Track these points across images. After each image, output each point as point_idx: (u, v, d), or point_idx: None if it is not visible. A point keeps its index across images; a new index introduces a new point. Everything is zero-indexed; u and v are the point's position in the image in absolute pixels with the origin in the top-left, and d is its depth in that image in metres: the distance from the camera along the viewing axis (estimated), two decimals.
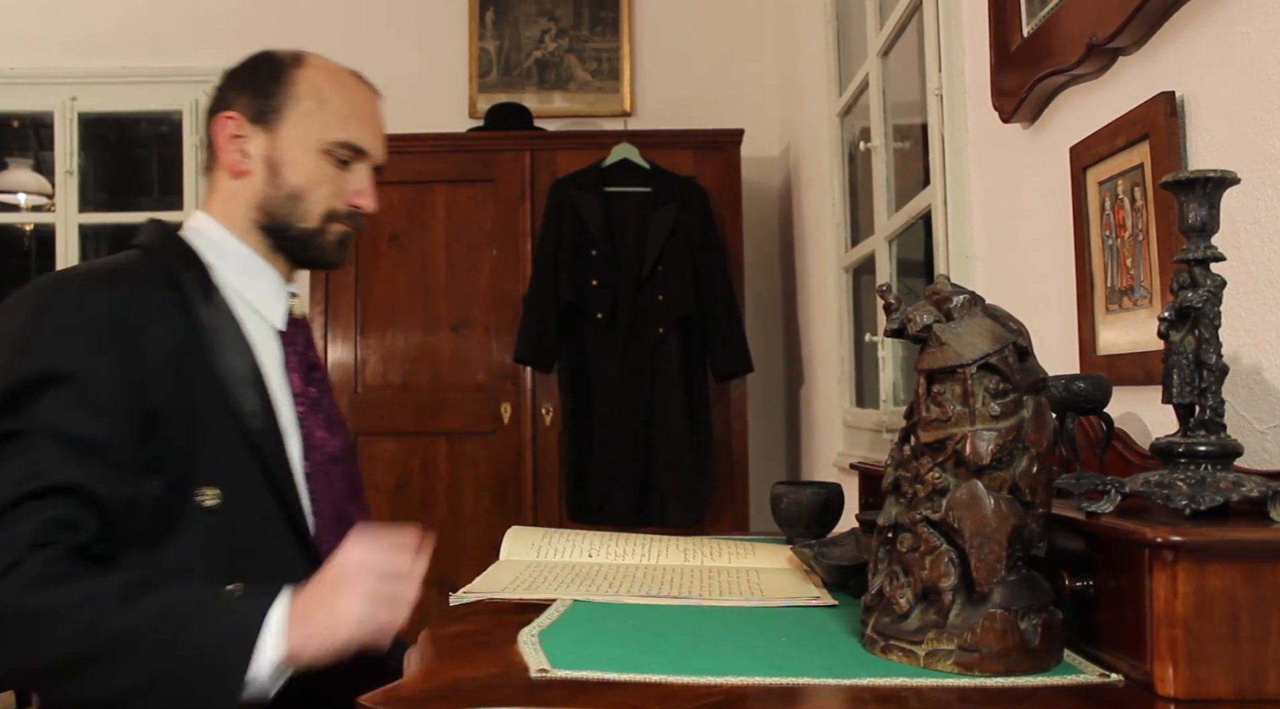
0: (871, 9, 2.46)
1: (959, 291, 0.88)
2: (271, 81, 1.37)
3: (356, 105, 1.39)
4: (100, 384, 1.14)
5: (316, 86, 1.37)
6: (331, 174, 1.36)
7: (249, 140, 1.36)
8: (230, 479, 1.22)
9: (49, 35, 4.00)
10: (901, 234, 2.34)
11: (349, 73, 1.42)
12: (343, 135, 1.36)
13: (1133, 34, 1.18)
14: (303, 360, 1.38)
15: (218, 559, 1.20)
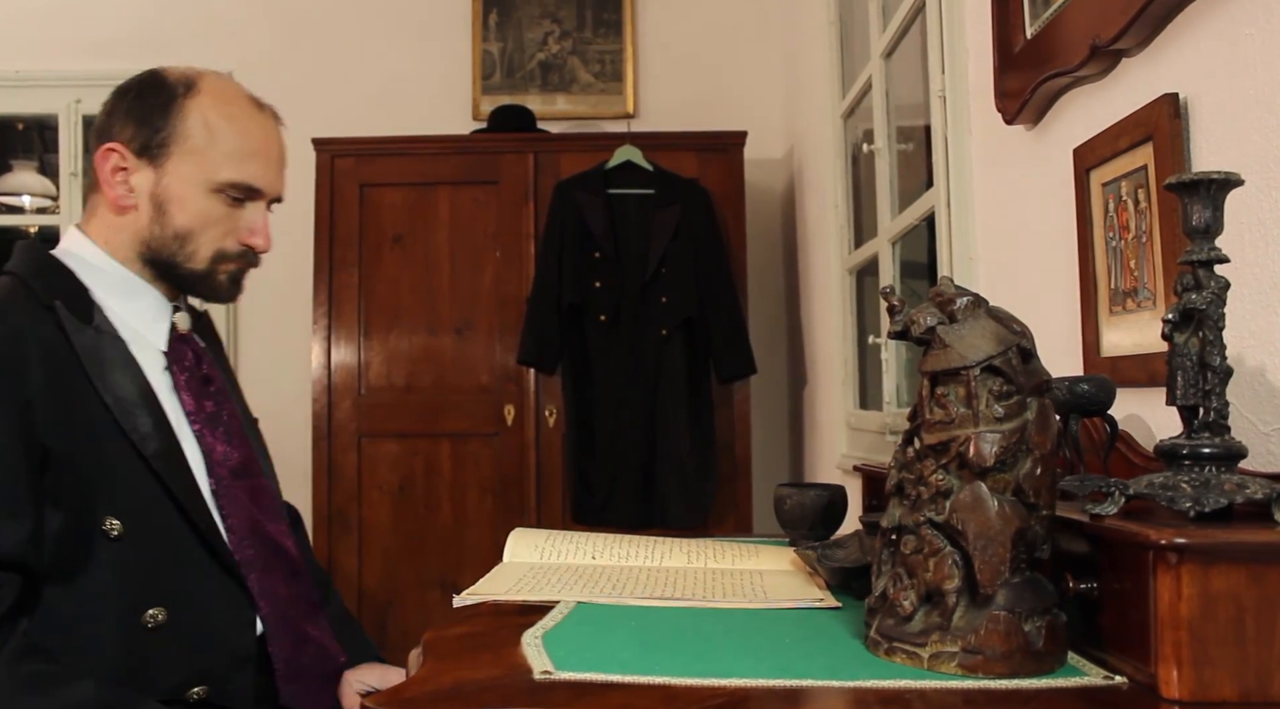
0: (874, 11, 2.46)
1: (962, 294, 0.88)
2: (159, 112, 1.29)
3: (252, 140, 1.32)
4: None
5: (207, 120, 1.30)
6: (223, 214, 1.31)
7: (134, 174, 1.30)
8: (133, 506, 1.21)
9: (54, 38, 4.01)
10: (905, 236, 2.34)
11: (246, 100, 1.34)
12: (234, 175, 1.30)
13: (1136, 36, 1.18)
14: (193, 377, 1.35)
15: (133, 586, 1.20)
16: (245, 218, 1.33)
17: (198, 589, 1.25)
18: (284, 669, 1.32)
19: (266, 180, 1.33)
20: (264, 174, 1.33)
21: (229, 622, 1.28)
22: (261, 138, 1.33)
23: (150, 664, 1.21)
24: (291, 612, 1.34)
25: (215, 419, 1.35)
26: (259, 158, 1.32)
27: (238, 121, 1.31)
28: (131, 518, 1.20)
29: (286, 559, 1.37)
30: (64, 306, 1.23)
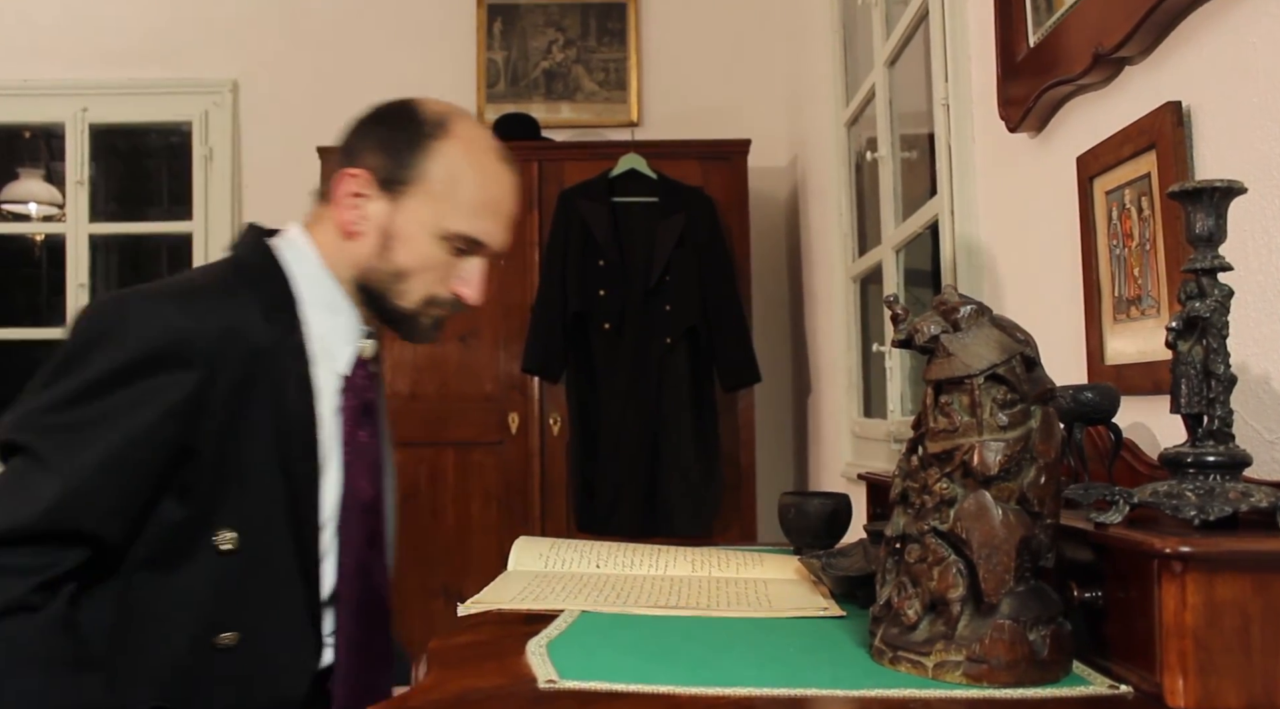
0: (878, 19, 2.47)
1: (966, 302, 0.88)
2: (409, 149, 1.29)
3: (490, 194, 1.31)
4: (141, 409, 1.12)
5: (453, 168, 1.28)
6: (443, 261, 1.30)
7: (370, 202, 1.29)
8: (254, 526, 1.20)
9: (61, 47, 4.02)
10: (909, 244, 2.34)
11: (494, 152, 1.32)
12: (465, 228, 1.29)
13: (1139, 44, 1.18)
14: (360, 403, 1.33)
15: (222, 602, 1.19)
16: (463, 267, 1.32)
17: (276, 624, 1.23)
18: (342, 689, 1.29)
19: (495, 237, 1.32)
20: (494, 231, 1.32)
21: (292, 663, 1.25)
22: (499, 194, 1.32)
23: (202, 682, 1.19)
24: (364, 663, 1.31)
25: (365, 451, 1.33)
26: (493, 214, 1.31)
27: (480, 172, 1.30)
28: (247, 538, 1.19)
29: (380, 612, 1.34)
30: (268, 315, 1.23)
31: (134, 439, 1.12)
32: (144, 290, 1.21)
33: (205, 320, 1.17)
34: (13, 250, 5.98)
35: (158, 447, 1.14)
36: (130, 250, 6.53)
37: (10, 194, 4.97)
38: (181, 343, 1.15)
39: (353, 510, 1.30)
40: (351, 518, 1.30)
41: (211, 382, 1.16)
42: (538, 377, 3.28)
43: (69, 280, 4.01)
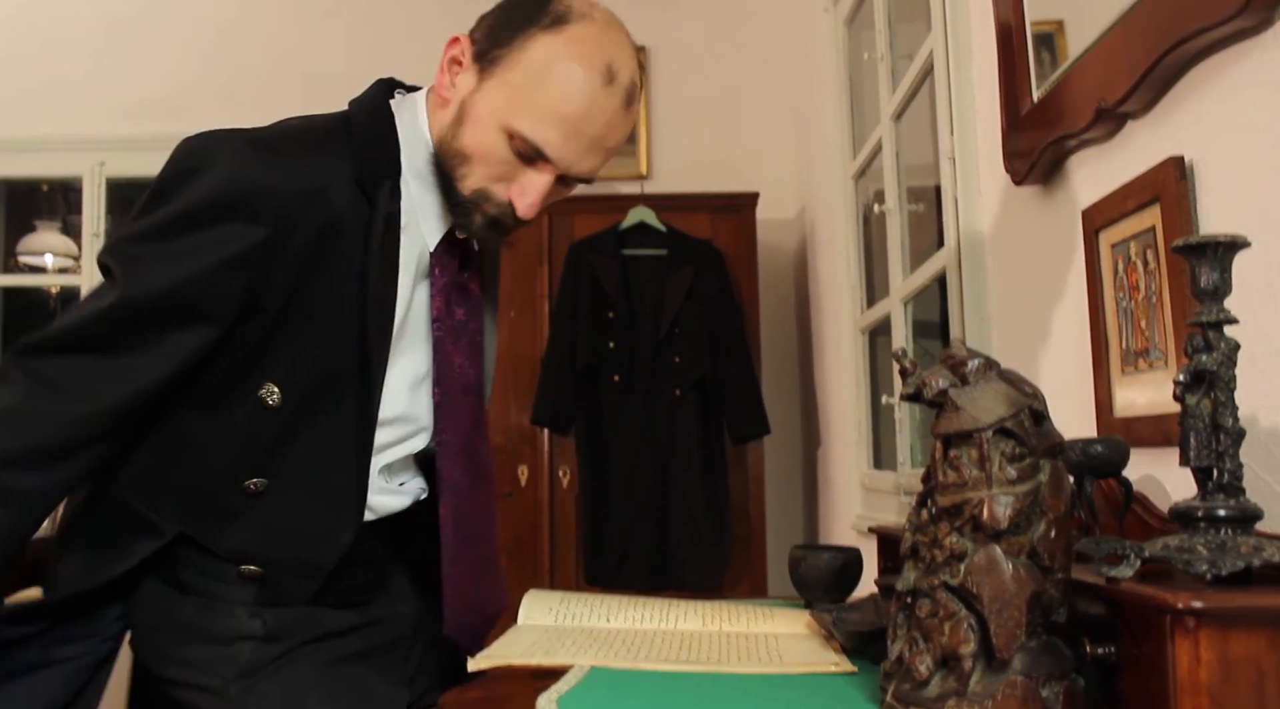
0: (884, 74, 2.50)
1: (974, 356, 0.89)
2: (512, 29, 1.20)
3: (570, 107, 1.17)
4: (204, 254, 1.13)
5: (543, 63, 1.17)
6: (504, 158, 1.20)
7: (463, 73, 1.23)
8: (305, 388, 1.20)
9: (80, 103, 4.09)
10: (917, 296, 2.35)
11: (599, 66, 1.17)
12: (529, 130, 1.18)
13: (1140, 99, 1.20)
14: (453, 282, 1.30)
15: (258, 450, 1.22)
16: (526, 176, 1.21)
17: (310, 488, 1.24)
18: (455, 602, 1.29)
19: (560, 151, 1.18)
20: (560, 144, 1.18)
21: (321, 531, 1.25)
22: (579, 110, 1.17)
23: (226, 519, 1.23)
24: (481, 545, 1.32)
25: (461, 330, 1.30)
26: (564, 127, 1.17)
27: (567, 81, 1.17)
28: (295, 397, 1.20)
29: (489, 487, 1.35)
30: (364, 179, 1.20)
31: (193, 280, 1.14)
32: (241, 133, 1.20)
33: (285, 178, 1.16)
34: (28, 302, 6.03)
35: (217, 292, 1.15)
36: None
37: (27, 246, 5.03)
38: (255, 196, 1.14)
39: (453, 389, 1.28)
40: (453, 396, 1.28)
41: (282, 240, 1.15)
42: (547, 428, 3.28)
43: None
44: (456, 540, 1.29)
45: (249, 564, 1.25)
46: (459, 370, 1.30)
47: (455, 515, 1.29)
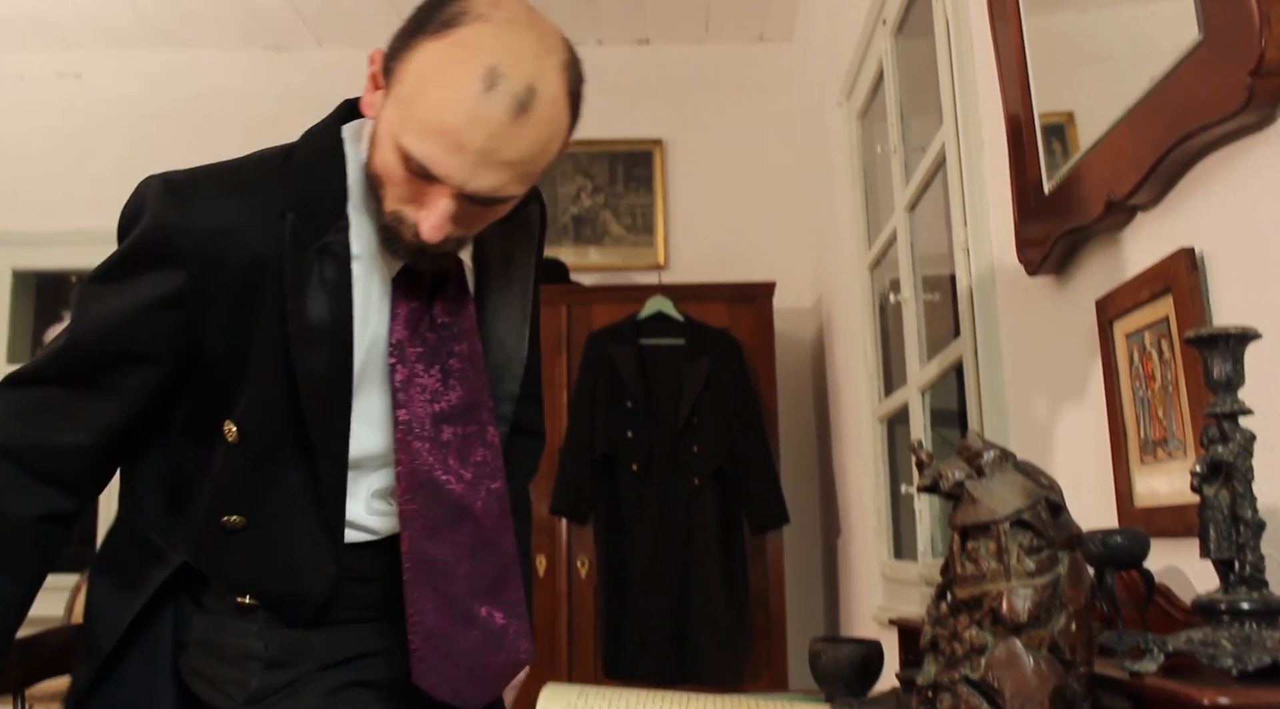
0: (897, 166, 2.54)
1: (989, 447, 0.89)
2: (404, 37, 1.11)
3: (448, 117, 1.05)
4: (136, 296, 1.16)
5: (423, 72, 1.07)
6: (404, 178, 1.11)
7: (376, 90, 1.15)
8: (257, 424, 1.19)
9: (108, 198, 4.18)
10: (934, 385, 2.35)
11: (480, 69, 1.04)
12: (412, 146, 1.07)
13: (1150, 192, 1.22)
14: (422, 308, 1.23)
15: (229, 486, 1.22)
16: (428, 195, 1.11)
17: (285, 521, 1.23)
18: (422, 645, 1.21)
19: (445, 168, 1.07)
20: (443, 160, 1.06)
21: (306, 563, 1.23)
22: (459, 120, 1.04)
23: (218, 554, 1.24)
24: (457, 583, 1.23)
25: (432, 355, 1.23)
26: (443, 140, 1.05)
27: (448, 91, 1.05)
28: (252, 433, 1.19)
29: (472, 527, 1.24)
30: (297, 217, 1.15)
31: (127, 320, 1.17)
32: (170, 176, 1.18)
33: (203, 218, 1.14)
34: None
35: (151, 333, 1.17)
36: None
37: (51, 335, 5.12)
38: (173, 239, 1.14)
39: (419, 417, 1.22)
40: (416, 425, 1.22)
41: (206, 280, 1.14)
42: (566, 518, 3.27)
43: None
44: (416, 578, 1.21)
45: (243, 595, 1.25)
46: (428, 396, 1.23)
47: (413, 551, 1.21)
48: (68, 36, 4.28)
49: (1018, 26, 1.61)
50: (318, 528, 1.23)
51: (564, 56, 1.12)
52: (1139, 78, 1.19)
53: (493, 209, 1.15)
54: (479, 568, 1.25)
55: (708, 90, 4.30)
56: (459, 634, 1.23)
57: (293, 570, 1.24)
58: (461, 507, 1.24)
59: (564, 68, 1.11)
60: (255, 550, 1.23)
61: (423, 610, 1.21)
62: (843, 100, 3.12)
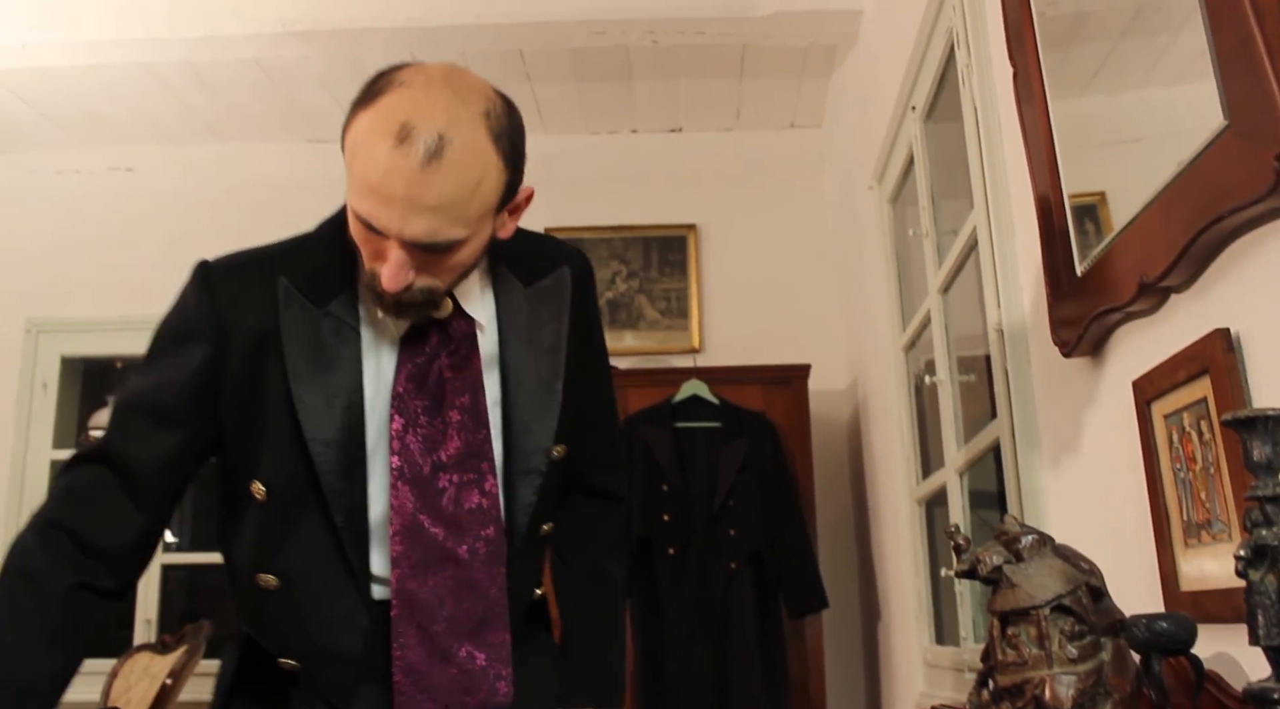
0: (929, 248, 2.56)
1: (1027, 532, 0.89)
2: (349, 115, 1.22)
3: (371, 174, 1.16)
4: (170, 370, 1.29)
5: (355, 140, 1.19)
6: (365, 237, 1.21)
7: None
8: (278, 485, 1.28)
9: (154, 285, 4.28)
10: (972, 466, 2.33)
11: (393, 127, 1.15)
12: (355, 205, 1.19)
13: (1182, 274, 1.22)
14: (427, 363, 1.30)
15: (262, 546, 1.30)
16: (384, 248, 1.20)
17: (315, 579, 1.29)
18: (403, 679, 1.28)
19: (380, 220, 1.17)
20: (376, 213, 1.17)
21: (340, 618, 1.29)
22: (380, 175, 1.15)
23: (262, 616, 1.32)
24: (437, 623, 1.29)
25: (434, 407, 1.30)
26: (373, 196, 1.16)
27: (369, 148, 1.16)
28: (274, 494, 1.28)
29: (455, 570, 1.30)
30: (294, 287, 1.28)
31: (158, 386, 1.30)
32: (205, 262, 1.33)
33: (219, 300, 1.29)
34: None
35: (178, 398, 1.29)
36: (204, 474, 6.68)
37: (97, 421, 5.18)
38: (191, 318, 1.30)
39: (415, 465, 1.29)
40: (410, 472, 1.28)
41: (221, 353, 1.27)
42: None
43: None
44: (401, 615, 1.28)
45: (286, 658, 1.31)
46: (427, 445, 1.30)
47: (400, 590, 1.28)
48: (122, 133, 4.43)
49: (1044, 110, 1.64)
50: (347, 584, 1.29)
51: (483, 107, 1.20)
52: (1168, 160, 1.21)
53: (449, 255, 1.22)
54: (461, 609, 1.30)
55: (740, 176, 4.36)
56: (437, 672, 1.29)
57: (327, 627, 1.29)
58: (445, 550, 1.29)
59: (483, 116, 1.19)
60: (290, 609, 1.30)
61: (405, 646, 1.28)
62: (874, 184, 3.16)
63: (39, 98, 4.12)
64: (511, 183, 1.24)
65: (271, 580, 1.29)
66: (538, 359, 1.38)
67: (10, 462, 4.23)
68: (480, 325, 1.35)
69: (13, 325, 4.35)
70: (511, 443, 1.35)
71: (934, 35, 2.37)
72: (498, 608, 1.32)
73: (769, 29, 3.52)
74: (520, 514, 1.35)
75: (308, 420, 1.25)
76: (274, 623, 1.32)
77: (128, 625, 4.20)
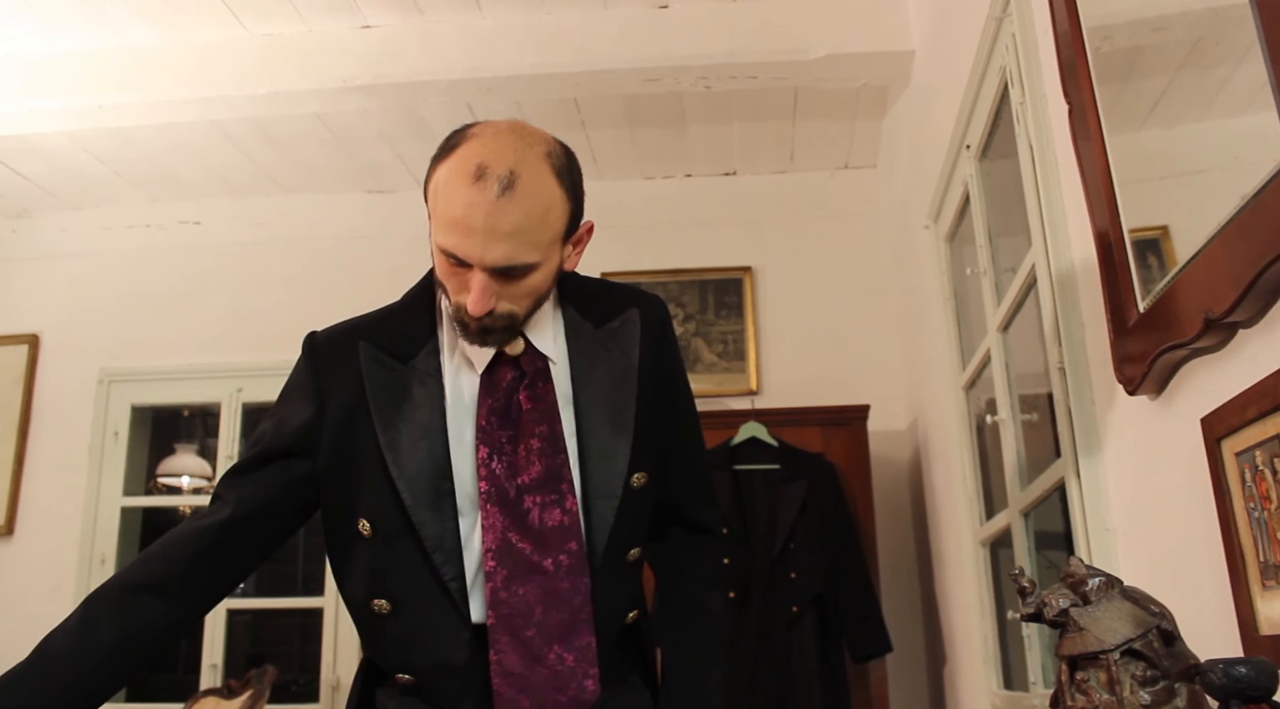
0: (988, 287, 2.53)
1: (1095, 574, 0.87)
2: (429, 171, 1.42)
3: (454, 210, 1.33)
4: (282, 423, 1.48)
5: (436, 187, 1.38)
6: (450, 271, 1.38)
7: None
8: (380, 520, 1.41)
9: (222, 335, 4.40)
10: (1037, 507, 2.29)
11: (470, 169, 1.33)
12: (441, 241, 1.36)
13: (1249, 309, 1.20)
14: (503, 397, 1.45)
15: (373, 575, 1.43)
16: (461, 282, 1.38)
17: (420, 600, 1.41)
18: (500, 682, 1.40)
19: (463, 250, 1.34)
20: (460, 244, 1.34)
21: (443, 632, 1.41)
22: (462, 210, 1.33)
23: (378, 639, 1.46)
24: (529, 629, 1.41)
25: (517, 436, 1.45)
26: (456, 229, 1.34)
27: (450, 189, 1.35)
28: (378, 528, 1.42)
29: (542, 580, 1.42)
30: (380, 348, 1.46)
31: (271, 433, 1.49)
32: (314, 332, 1.55)
33: (320, 364, 1.49)
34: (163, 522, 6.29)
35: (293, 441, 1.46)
36: None
37: (166, 468, 5.30)
38: (303, 385, 1.49)
39: (501, 491, 1.42)
40: (493, 499, 1.41)
41: (323, 411, 1.45)
42: None
43: None
44: (498, 624, 1.40)
45: (403, 673, 1.44)
46: (511, 471, 1.44)
47: (494, 600, 1.41)
48: (191, 188, 4.58)
49: (1101, 145, 1.62)
50: (446, 604, 1.41)
51: (545, 149, 1.39)
52: (1232, 193, 1.19)
53: (525, 278, 1.38)
54: (550, 616, 1.41)
55: (794, 217, 4.37)
56: (531, 673, 1.41)
57: (435, 643, 1.42)
58: (532, 563, 1.42)
59: (546, 156, 1.38)
60: (402, 629, 1.43)
61: (501, 652, 1.40)
62: (930, 224, 3.14)
63: (112, 156, 4.27)
64: (575, 214, 1.41)
65: (384, 605, 1.42)
66: (607, 391, 1.50)
67: (84, 508, 4.34)
68: (553, 361, 1.49)
69: (86, 375, 4.48)
70: (588, 468, 1.46)
71: (987, 74, 2.37)
72: (583, 614, 1.44)
73: (821, 71, 3.54)
74: (599, 532, 1.45)
75: (394, 461, 1.41)
76: (389, 643, 1.45)
77: (194, 670, 4.25)
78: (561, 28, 3.52)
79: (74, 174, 4.40)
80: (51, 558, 4.26)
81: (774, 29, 3.48)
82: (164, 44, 3.66)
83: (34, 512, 4.35)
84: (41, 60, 3.67)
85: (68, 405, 4.46)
